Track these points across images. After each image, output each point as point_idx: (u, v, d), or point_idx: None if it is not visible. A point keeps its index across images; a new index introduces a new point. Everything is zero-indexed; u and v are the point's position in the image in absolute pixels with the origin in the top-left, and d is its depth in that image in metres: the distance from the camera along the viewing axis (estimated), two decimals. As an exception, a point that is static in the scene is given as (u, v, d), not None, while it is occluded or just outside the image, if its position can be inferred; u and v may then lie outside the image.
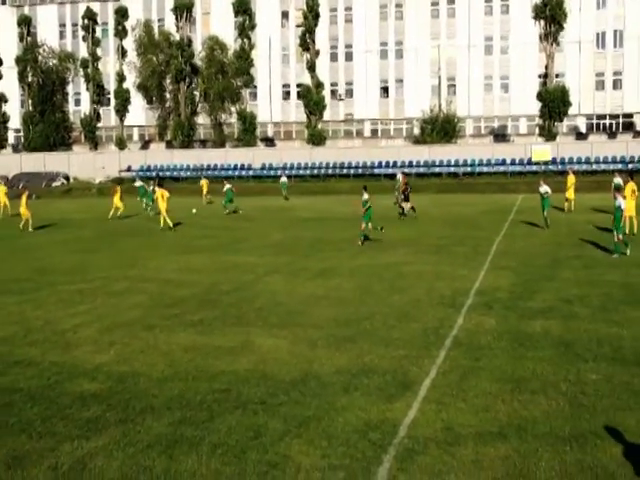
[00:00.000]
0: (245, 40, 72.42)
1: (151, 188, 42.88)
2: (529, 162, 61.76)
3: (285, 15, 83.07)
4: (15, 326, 14.10)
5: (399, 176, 39.70)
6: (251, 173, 67.77)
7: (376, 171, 64.38)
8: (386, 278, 18.73)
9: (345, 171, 65.80)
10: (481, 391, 9.74)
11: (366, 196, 26.03)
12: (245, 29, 72.27)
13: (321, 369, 10.87)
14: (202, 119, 79.38)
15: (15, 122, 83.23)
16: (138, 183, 48.56)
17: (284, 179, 55.07)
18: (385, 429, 8.50)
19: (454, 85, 79.50)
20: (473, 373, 10.52)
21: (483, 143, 72.76)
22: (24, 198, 34.35)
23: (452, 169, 63.74)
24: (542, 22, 64.60)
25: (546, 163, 60.81)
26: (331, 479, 7.30)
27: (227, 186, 41.79)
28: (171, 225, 32.37)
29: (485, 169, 62.90)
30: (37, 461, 7.83)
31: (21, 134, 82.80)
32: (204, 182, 50.62)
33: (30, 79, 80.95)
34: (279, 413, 9.07)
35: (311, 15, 70.20)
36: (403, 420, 8.76)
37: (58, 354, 12.03)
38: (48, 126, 79.52)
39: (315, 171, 66.62)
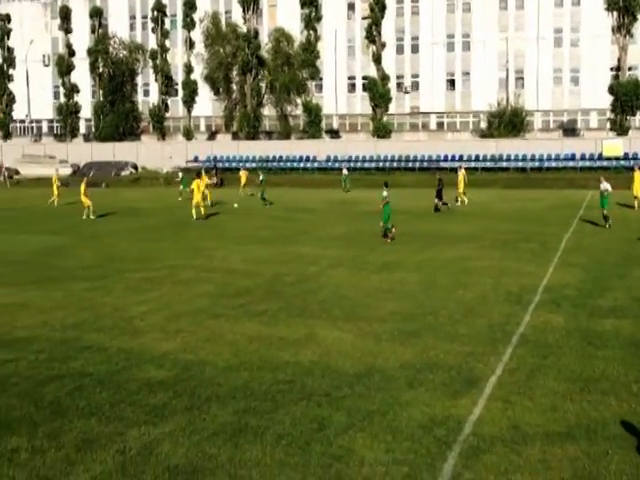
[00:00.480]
0: (311, 32, 72.40)
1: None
2: (600, 157, 60.20)
3: (351, 7, 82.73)
4: (85, 312, 14.44)
5: (461, 170, 39.63)
6: (316, 165, 67.86)
7: (442, 164, 63.52)
8: (451, 273, 18.55)
9: (410, 164, 65.17)
10: (549, 390, 9.56)
11: (385, 193, 25.61)
12: (311, 21, 72.25)
13: (385, 363, 10.82)
14: (268, 111, 79.81)
15: (86, 112, 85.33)
16: (181, 174, 49.82)
17: (345, 172, 55.11)
18: (450, 425, 8.41)
19: (522, 78, 77.97)
20: (540, 371, 10.33)
21: (552, 137, 71.19)
22: (83, 186, 34.59)
23: (520, 164, 62.53)
24: (615, 13, 62.83)
25: (617, 158, 59.21)
26: (395, 474, 7.25)
27: (261, 177, 42.89)
28: (195, 217, 32.67)
29: (554, 164, 61.56)
30: (106, 445, 8.00)
31: (92, 124, 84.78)
32: (243, 173, 50.60)
33: (101, 70, 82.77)
34: (343, 406, 9.06)
35: (377, 7, 69.77)
36: (468, 417, 8.66)
37: (126, 340, 12.27)
38: (118, 116, 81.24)
39: (380, 164, 66.23)
